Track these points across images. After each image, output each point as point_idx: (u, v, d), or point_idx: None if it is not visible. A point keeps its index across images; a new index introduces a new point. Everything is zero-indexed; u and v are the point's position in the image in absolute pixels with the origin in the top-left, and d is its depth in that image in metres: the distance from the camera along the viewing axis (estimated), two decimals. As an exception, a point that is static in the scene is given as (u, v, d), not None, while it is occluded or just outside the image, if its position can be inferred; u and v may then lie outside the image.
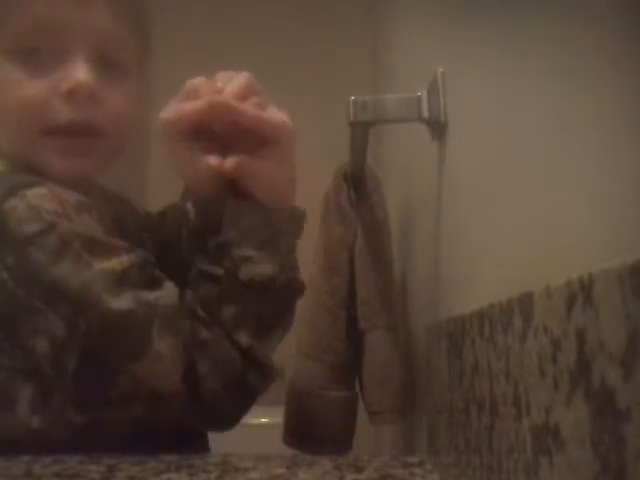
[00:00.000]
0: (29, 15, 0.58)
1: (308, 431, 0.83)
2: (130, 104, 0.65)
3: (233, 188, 0.61)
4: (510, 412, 0.34)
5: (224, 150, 0.59)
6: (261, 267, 0.59)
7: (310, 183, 0.89)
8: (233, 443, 0.71)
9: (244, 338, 0.58)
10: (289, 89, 0.86)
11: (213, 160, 0.58)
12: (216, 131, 0.59)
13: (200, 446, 0.67)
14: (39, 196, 0.54)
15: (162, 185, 0.90)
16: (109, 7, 0.61)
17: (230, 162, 0.58)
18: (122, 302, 0.54)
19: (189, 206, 0.71)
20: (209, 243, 0.61)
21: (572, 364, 0.26)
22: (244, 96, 0.58)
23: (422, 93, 0.66)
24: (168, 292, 0.57)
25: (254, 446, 0.73)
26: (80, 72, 0.59)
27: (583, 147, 0.30)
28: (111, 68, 0.62)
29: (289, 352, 0.82)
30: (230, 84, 0.58)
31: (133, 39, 0.65)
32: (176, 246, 0.72)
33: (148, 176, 1.83)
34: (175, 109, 0.58)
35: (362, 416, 0.82)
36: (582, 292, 0.25)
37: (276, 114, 0.59)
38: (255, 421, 1.22)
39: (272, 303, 0.60)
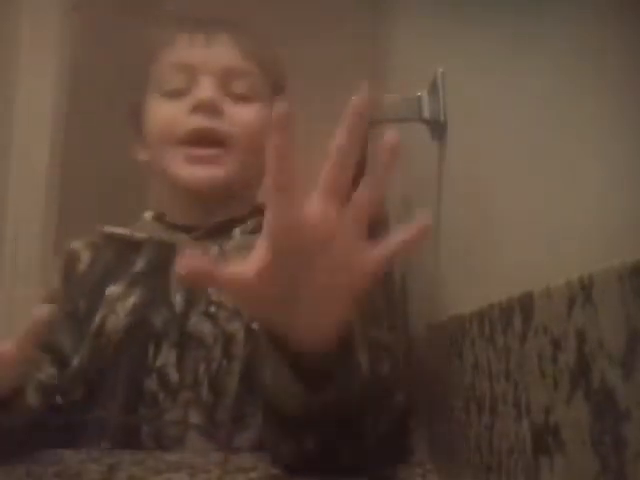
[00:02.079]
0: (167, 64, 0.70)
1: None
2: (259, 121, 0.70)
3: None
4: (510, 412, 0.34)
5: None
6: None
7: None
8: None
9: None
10: (289, 89, 0.86)
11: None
12: None
13: None
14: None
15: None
16: (233, 44, 0.71)
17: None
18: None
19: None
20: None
21: (572, 364, 0.26)
22: None
23: (422, 93, 0.66)
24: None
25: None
26: (203, 91, 0.68)
27: (583, 147, 0.30)
28: (239, 96, 0.70)
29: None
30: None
31: (260, 74, 0.72)
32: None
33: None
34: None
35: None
36: (582, 292, 0.25)
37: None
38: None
39: None
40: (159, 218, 0.76)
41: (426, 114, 0.66)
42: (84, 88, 1.39)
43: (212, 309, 0.64)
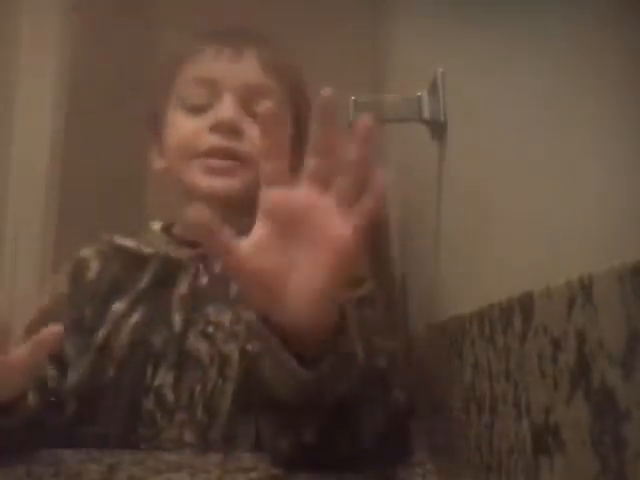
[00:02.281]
0: (191, 78, 0.72)
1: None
2: None
3: None
4: (510, 412, 0.34)
5: None
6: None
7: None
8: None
9: None
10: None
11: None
12: None
13: None
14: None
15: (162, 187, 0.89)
16: (257, 62, 0.73)
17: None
18: None
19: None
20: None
21: (572, 364, 0.26)
22: None
23: (422, 93, 0.66)
24: None
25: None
26: (224, 111, 0.70)
27: (583, 147, 0.30)
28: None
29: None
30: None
31: (282, 91, 0.74)
32: None
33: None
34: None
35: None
36: (582, 292, 0.25)
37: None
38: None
39: None
40: (167, 230, 0.78)
41: (426, 114, 0.66)
42: (84, 88, 1.39)
43: (210, 329, 0.66)
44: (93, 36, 1.44)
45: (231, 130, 0.70)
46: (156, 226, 0.78)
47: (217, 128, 0.70)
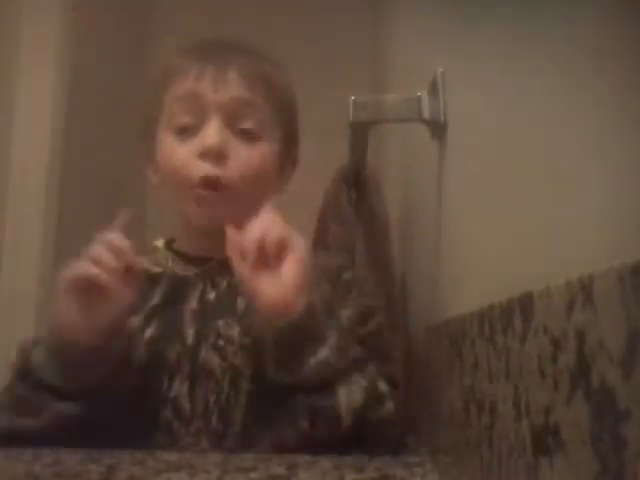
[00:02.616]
0: (176, 98, 0.74)
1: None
2: (262, 162, 0.75)
3: None
4: (510, 412, 0.34)
5: None
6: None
7: (310, 183, 0.89)
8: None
9: None
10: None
11: None
12: None
13: None
14: None
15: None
16: (241, 80, 0.74)
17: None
18: None
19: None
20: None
21: (572, 364, 0.26)
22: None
23: (422, 93, 0.66)
24: None
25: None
26: (209, 137, 0.72)
27: (583, 146, 0.30)
28: (245, 133, 0.74)
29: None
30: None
31: (268, 108, 0.76)
32: None
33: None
34: None
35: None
36: (582, 292, 0.25)
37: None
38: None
39: None
40: (170, 247, 0.81)
41: (426, 114, 0.66)
42: (84, 88, 1.39)
43: (220, 342, 0.69)
44: (93, 36, 1.44)
45: (217, 156, 0.72)
46: (159, 244, 0.82)
47: (204, 155, 0.72)
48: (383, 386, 0.64)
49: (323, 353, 0.60)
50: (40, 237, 1.25)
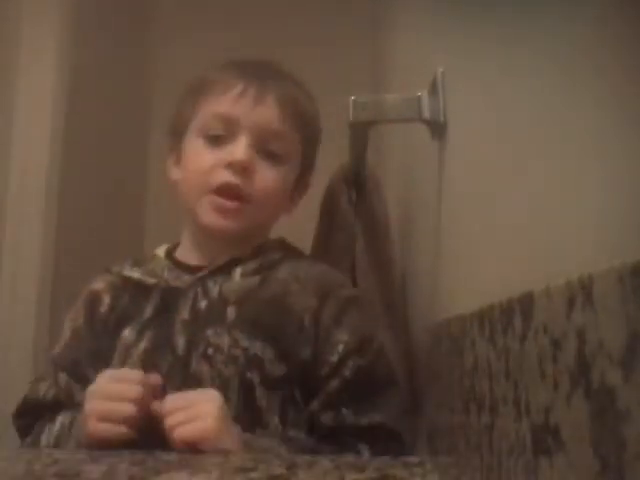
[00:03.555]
0: (214, 112, 0.78)
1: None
2: (282, 184, 0.79)
3: None
4: (510, 412, 0.34)
5: None
6: None
7: (310, 183, 0.89)
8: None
9: None
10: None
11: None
12: None
13: None
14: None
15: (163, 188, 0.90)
16: (277, 108, 0.78)
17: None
18: None
19: None
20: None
21: (572, 364, 0.26)
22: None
23: (422, 93, 0.66)
24: None
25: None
26: (239, 152, 0.75)
27: (583, 146, 0.30)
28: (271, 155, 0.78)
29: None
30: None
31: (296, 136, 0.80)
32: None
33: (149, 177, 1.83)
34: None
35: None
36: (582, 292, 0.25)
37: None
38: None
39: None
40: (170, 254, 0.83)
41: (426, 114, 0.66)
42: (84, 88, 1.39)
43: (209, 351, 0.71)
44: (93, 36, 1.44)
45: (243, 170, 0.76)
46: (160, 252, 0.83)
47: (231, 166, 0.76)
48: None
49: None
50: (40, 237, 1.25)
